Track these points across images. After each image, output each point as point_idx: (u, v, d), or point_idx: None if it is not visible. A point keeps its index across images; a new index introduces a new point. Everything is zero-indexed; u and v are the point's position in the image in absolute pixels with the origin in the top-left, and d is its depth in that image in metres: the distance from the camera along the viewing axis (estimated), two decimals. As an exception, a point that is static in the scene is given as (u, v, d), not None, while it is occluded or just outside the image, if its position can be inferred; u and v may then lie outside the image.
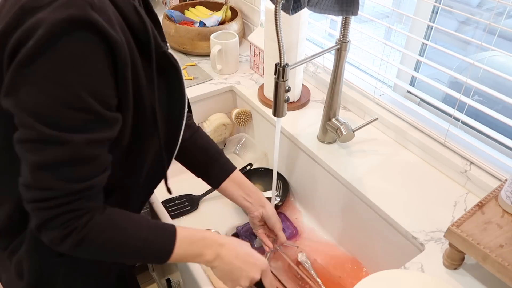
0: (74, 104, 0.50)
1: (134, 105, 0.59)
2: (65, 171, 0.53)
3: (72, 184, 0.54)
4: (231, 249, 0.69)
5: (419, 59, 1.02)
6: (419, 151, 1.00)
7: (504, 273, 0.64)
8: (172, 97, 0.68)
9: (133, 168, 0.68)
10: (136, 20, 0.58)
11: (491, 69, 0.82)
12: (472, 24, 1.05)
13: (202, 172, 0.88)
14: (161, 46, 0.63)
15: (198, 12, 1.54)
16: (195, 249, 0.66)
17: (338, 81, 0.96)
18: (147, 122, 0.64)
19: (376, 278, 0.70)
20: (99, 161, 0.56)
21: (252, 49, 1.31)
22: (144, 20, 0.58)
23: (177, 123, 0.71)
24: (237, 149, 1.28)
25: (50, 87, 0.49)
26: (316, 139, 1.07)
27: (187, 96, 0.71)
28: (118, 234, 0.60)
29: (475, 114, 0.93)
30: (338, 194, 1.00)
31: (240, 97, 1.28)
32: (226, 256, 0.68)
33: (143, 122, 0.63)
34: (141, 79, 0.59)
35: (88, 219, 0.57)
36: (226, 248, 0.68)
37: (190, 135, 0.86)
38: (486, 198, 0.75)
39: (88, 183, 0.55)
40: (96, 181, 0.56)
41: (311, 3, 0.79)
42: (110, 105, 0.54)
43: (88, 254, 0.61)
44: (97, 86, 0.52)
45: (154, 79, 0.62)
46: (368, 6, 1.34)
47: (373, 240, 0.94)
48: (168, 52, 0.65)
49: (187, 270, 0.80)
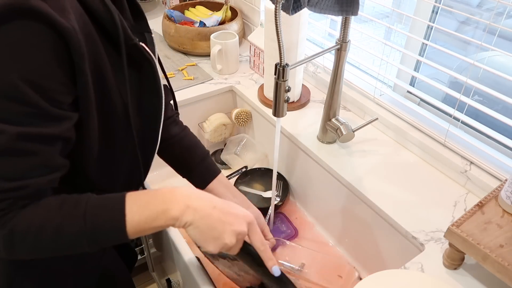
0: (8, 93, 0.46)
1: (100, 101, 0.55)
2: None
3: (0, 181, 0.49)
4: (203, 198, 0.56)
5: (419, 59, 1.02)
6: (419, 151, 1.00)
7: (504, 273, 0.64)
8: (146, 92, 0.64)
9: (110, 171, 0.64)
10: (101, 9, 0.53)
11: (491, 69, 0.82)
12: (472, 24, 1.05)
13: (187, 171, 0.86)
14: (132, 38, 0.58)
15: (198, 12, 1.54)
16: (155, 207, 0.54)
17: (338, 81, 0.96)
18: (119, 120, 0.59)
19: (376, 278, 0.70)
20: (37, 159, 0.50)
21: (252, 49, 1.31)
22: (111, 10, 0.54)
23: (154, 120, 0.67)
24: (237, 149, 1.28)
25: None
26: (316, 139, 1.07)
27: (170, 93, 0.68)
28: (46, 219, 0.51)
29: (475, 114, 0.93)
30: (338, 194, 1.00)
31: (240, 97, 1.28)
32: (199, 207, 0.55)
33: (114, 120, 0.59)
34: (107, 72, 0.55)
35: (9, 219, 0.50)
36: (196, 198, 0.56)
37: (177, 133, 0.85)
38: (486, 198, 0.75)
39: (20, 182, 0.49)
40: (31, 181, 0.50)
41: (311, 3, 0.79)
42: (58, 101, 0.50)
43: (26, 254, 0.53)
44: (38, 77, 0.47)
45: (125, 73, 0.57)
46: (368, 6, 1.34)
47: (373, 240, 0.94)
48: (140, 45, 0.60)
49: (187, 270, 0.80)
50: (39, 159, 0.50)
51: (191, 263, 0.79)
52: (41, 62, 0.47)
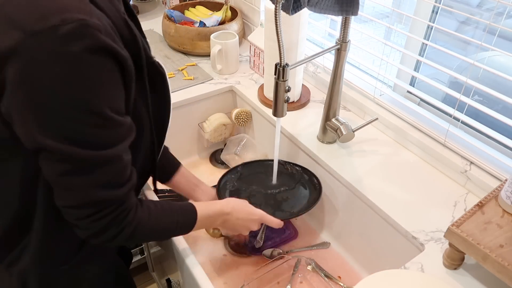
0: (106, 124, 0.54)
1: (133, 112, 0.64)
2: (114, 182, 0.59)
3: (119, 190, 0.60)
4: (234, 215, 0.82)
5: (419, 59, 1.02)
6: (419, 151, 1.00)
7: (504, 273, 0.64)
8: (160, 99, 0.73)
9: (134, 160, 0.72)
10: (127, 34, 0.59)
11: (491, 69, 0.82)
12: (472, 24, 1.05)
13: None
14: (151, 57, 0.67)
15: (198, 12, 1.54)
16: (209, 222, 0.80)
17: (338, 81, 0.96)
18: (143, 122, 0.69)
19: (376, 278, 0.70)
20: (129, 164, 0.62)
21: (252, 49, 1.31)
22: (135, 33, 0.60)
23: (163, 120, 0.76)
24: (237, 149, 1.28)
25: (83, 115, 0.52)
26: (316, 139, 1.07)
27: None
28: (158, 221, 0.69)
29: (475, 114, 0.93)
30: (338, 194, 1.00)
31: (240, 97, 1.28)
32: (230, 220, 0.82)
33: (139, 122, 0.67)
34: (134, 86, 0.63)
35: (133, 214, 0.64)
36: (231, 216, 0.82)
37: None
38: (486, 198, 0.75)
39: (129, 184, 0.61)
40: (134, 180, 0.63)
41: (311, 3, 0.79)
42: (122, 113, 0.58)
43: (136, 241, 0.70)
44: (115, 100, 0.55)
45: (147, 86, 0.67)
46: (368, 6, 1.34)
47: (373, 240, 0.94)
48: (157, 62, 0.69)
49: (187, 270, 0.80)
50: (130, 164, 0.61)
51: (190, 263, 0.79)
52: (116, 89, 0.56)
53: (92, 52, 0.49)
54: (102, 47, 0.50)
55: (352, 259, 1.02)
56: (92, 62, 0.50)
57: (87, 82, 0.50)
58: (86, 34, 0.48)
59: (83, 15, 0.48)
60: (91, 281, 0.80)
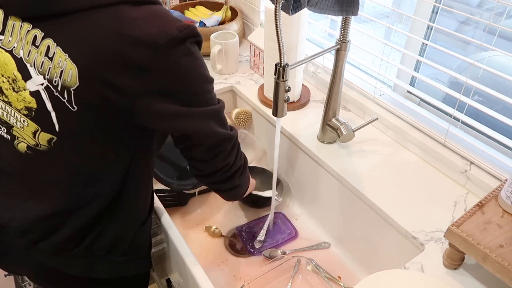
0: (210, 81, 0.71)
1: None
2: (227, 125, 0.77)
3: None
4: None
5: (419, 59, 1.02)
6: (419, 151, 1.00)
7: (504, 273, 0.64)
8: None
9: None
10: None
11: (491, 69, 0.82)
12: (472, 24, 1.05)
13: None
14: None
15: (198, 12, 1.54)
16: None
17: (338, 81, 0.96)
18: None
19: (376, 278, 0.70)
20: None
21: (252, 49, 1.31)
22: None
23: None
24: (237, 149, 1.28)
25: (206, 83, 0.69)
26: (316, 139, 1.07)
27: None
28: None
29: (475, 114, 0.93)
30: (338, 194, 1.00)
31: (240, 97, 1.28)
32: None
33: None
34: None
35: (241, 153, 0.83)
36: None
37: None
38: (486, 198, 0.75)
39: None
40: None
41: (311, 3, 0.79)
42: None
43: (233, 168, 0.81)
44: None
45: None
46: (368, 6, 1.33)
47: (373, 240, 0.94)
48: None
49: (187, 270, 0.80)
50: None
51: (189, 262, 0.79)
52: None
53: (198, 44, 0.67)
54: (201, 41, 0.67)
55: (352, 259, 1.02)
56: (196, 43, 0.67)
57: (204, 63, 0.68)
58: (198, 34, 0.65)
59: (181, 22, 0.64)
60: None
